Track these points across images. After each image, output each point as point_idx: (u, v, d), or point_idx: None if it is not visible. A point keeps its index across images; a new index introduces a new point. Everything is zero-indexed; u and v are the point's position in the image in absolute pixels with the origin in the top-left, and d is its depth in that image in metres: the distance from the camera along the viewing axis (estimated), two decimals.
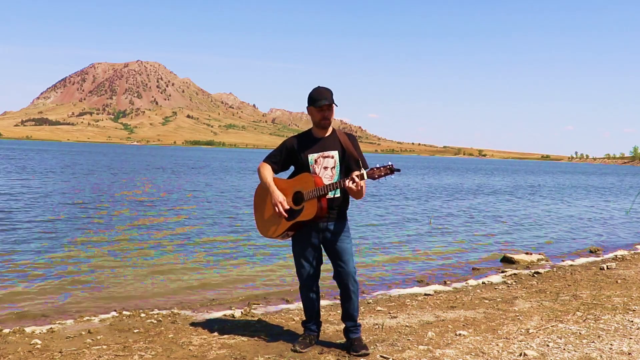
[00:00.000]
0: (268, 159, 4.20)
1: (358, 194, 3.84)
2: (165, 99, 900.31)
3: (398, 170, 3.73)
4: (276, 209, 4.02)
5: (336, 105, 4.03)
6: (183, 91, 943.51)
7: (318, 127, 4.08)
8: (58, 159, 54.40)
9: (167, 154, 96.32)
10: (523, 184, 39.67)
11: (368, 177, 3.73)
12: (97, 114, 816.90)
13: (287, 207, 3.99)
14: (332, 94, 4.01)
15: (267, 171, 4.15)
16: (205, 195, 20.00)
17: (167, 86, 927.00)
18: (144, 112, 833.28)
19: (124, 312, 5.53)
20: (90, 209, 14.24)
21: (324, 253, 4.21)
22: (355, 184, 3.73)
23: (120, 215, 13.42)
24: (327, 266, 4.25)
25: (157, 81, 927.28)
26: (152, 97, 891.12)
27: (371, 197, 20.73)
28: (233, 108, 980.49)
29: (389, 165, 3.71)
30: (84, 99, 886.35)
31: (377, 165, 3.75)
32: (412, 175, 45.55)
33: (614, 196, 28.85)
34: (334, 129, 4.12)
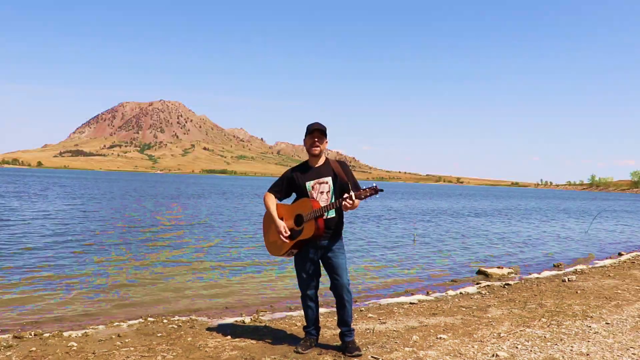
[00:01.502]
0: (272, 189, 4.24)
1: (351, 208, 3.87)
2: (184, 133, 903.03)
3: (381, 190, 3.85)
4: (280, 236, 4.10)
5: (325, 136, 4.09)
6: (200, 127, 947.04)
7: (309, 154, 4.12)
8: (97, 186, 54.36)
9: (190, 182, 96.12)
10: (496, 207, 39.66)
11: (356, 198, 3.83)
12: (126, 146, 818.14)
13: (288, 232, 4.06)
14: (325, 128, 4.10)
15: (271, 201, 4.20)
16: (218, 218, 19.98)
17: (186, 122, 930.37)
18: (166, 144, 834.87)
19: (149, 319, 5.51)
20: (119, 231, 14.24)
21: (322, 267, 4.25)
22: (351, 202, 3.80)
23: (146, 236, 13.42)
24: (324, 278, 4.29)
25: (178, 118, 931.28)
26: (173, 131, 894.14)
27: (363, 218, 20.73)
28: (243, 141, 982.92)
29: (374, 187, 3.81)
30: (114, 133, 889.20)
31: (364, 187, 3.86)
32: (398, 200, 45.55)
33: (575, 218, 28.86)
34: (327, 159, 4.19)
